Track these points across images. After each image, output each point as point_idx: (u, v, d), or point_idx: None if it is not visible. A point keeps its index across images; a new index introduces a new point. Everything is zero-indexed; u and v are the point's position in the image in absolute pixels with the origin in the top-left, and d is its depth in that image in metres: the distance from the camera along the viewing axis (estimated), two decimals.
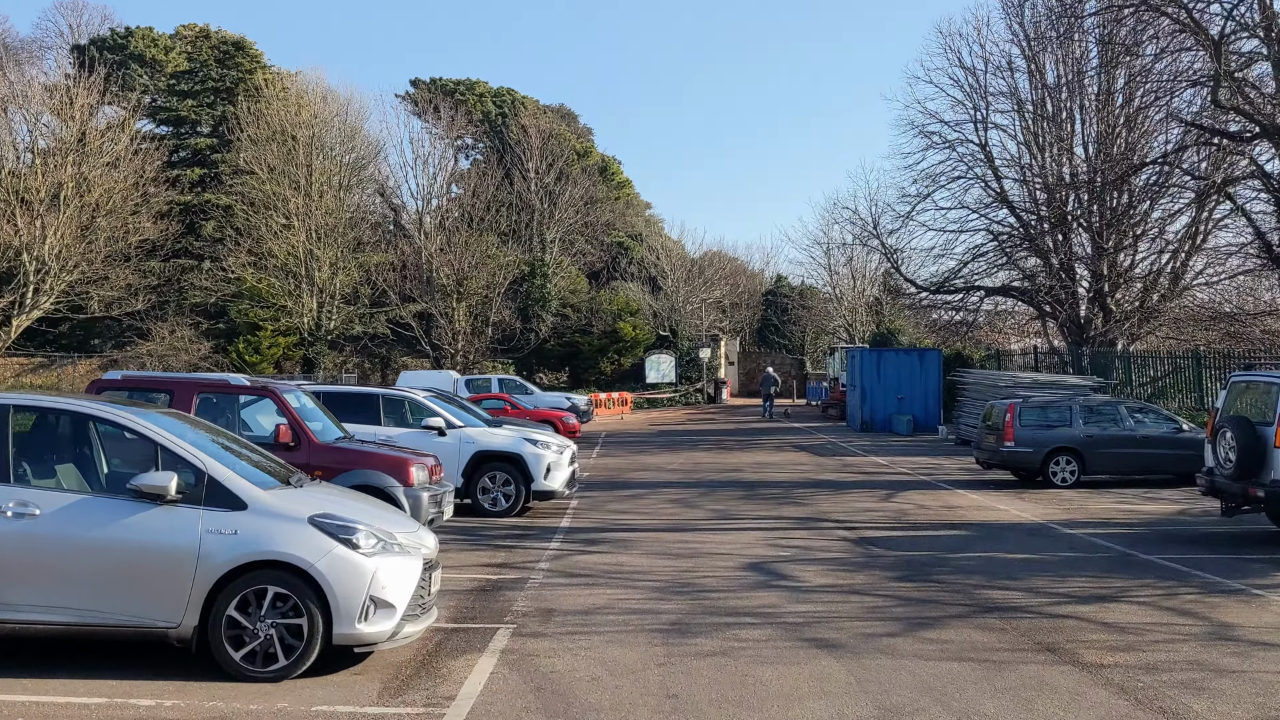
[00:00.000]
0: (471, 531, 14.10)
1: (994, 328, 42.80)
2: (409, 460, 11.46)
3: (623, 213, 66.44)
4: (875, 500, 17.99)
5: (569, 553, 12.51)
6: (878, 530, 14.51)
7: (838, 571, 11.30)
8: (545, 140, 55.07)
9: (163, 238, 46.23)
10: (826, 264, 55.09)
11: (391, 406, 16.28)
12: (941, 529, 14.71)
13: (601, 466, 23.91)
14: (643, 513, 16.48)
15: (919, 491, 19.13)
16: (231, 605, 6.59)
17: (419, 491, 11.32)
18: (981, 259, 32.85)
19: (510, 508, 15.57)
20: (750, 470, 22.98)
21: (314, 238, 46.39)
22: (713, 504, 17.44)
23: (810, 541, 13.47)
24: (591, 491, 18.98)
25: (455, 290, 49.19)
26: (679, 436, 33.41)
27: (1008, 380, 26.84)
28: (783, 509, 16.84)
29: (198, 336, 46.46)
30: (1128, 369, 28.55)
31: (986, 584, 10.52)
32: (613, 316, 52.24)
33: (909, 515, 16.09)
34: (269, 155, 46.49)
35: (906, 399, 33.69)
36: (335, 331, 48.79)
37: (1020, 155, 32.85)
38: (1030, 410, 20.05)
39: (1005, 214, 33.48)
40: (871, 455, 26.33)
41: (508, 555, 12.28)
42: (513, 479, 15.59)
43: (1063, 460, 19.55)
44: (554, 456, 15.93)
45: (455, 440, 15.67)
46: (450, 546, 12.76)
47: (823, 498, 18.27)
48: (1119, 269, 31.08)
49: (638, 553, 12.50)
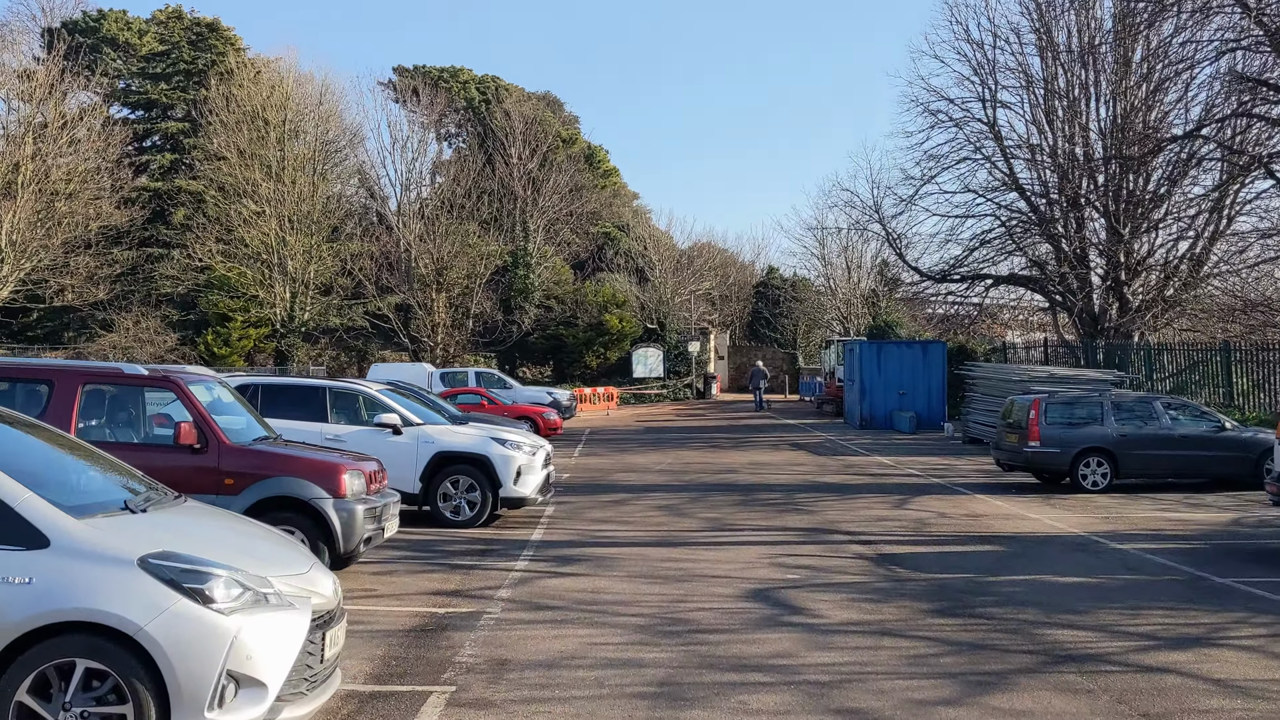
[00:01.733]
0: (426, 547, 12.09)
1: (997, 320, 40.98)
2: (341, 465, 9.43)
3: (609, 202, 64.36)
4: (888, 507, 16.05)
5: (538, 575, 10.52)
6: (897, 544, 12.55)
7: (861, 602, 9.33)
8: (529, 125, 52.97)
9: (129, 225, 44.03)
10: (820, 253, 53.17)
11: (340, 401, 14.24)
12: (971, 543, 12.77)
13: (583, 467, 21.92)
14: (627, 522, 14.49)
15: (935, 497, 17.20)
16: (23, 687, 4.56)
17: (352, 504, 9.29)
18: (988, 245, 30.89)
19: (475, 517, 13.56)
20: (746, 472, 21.01)
21: (286, 225, 44.21)
22: (706, 511, 15.46)
23: (822, 560, 11.51)
24: (570, 496, 16.98)
25: (435, 280, 47.13)
26: (667, 434, 31.43)
27: (1021, 374, 24.92)
28: (785, 518, 14.87)
29: (163, 328, 44.24)
30: (1148, 362, 26.66)
31: (1046, 620, 8.56)
32: (598, 308, 50.19)
33: (930, 526, 14.15)
34: (239, 139, 44.30)
35: (909, 394, 31.77)
36: (309, 323, 46.65)
37: (1029, 135, 30.94)
38: (1057, 407, 18.13)
39: (1014, 198, 31.57)
40: (875, 455, 24.40)
41: (464, 579, 10.28)
42: (478, 484, 13.58)
43: (1093, 462, 17.64)
44: (525, 458, 13.93)
45: (412, 440, 13.66)
46: (396, 567, 10.74)
47: (829, 504, 16.32)
48: (1136, 256, 29.19)
49: (619, 574, 10.52)
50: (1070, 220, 30.36)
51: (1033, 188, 30.99)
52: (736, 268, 64.17)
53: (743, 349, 59.74)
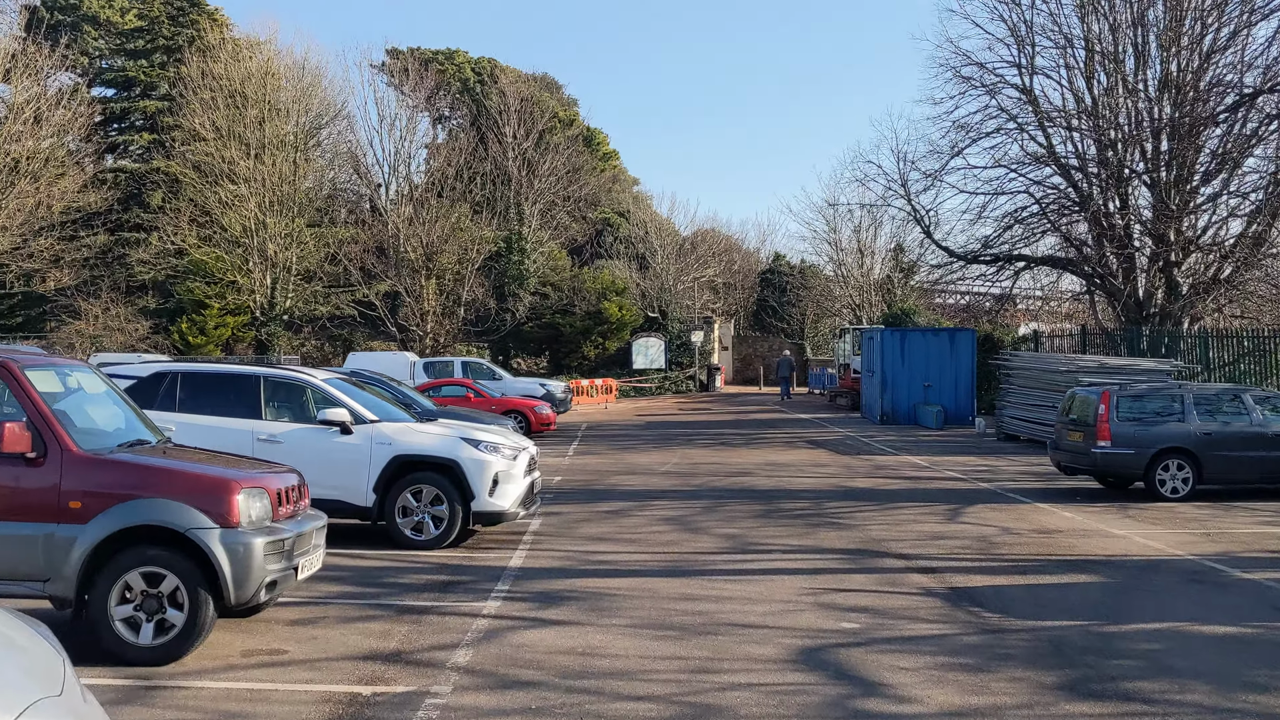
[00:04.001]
0: (373, 578, 9.51)
1: (1022, 308, 38.38)
2: (233, 482, 6.81)
3: (608, 188, 61.67)
4: (939, 519, 13.47)
5: (511, 624, 7.95)
6: (969, 573, 9.99)
7: (955, 671, 6.76)
8: (524, 104, 50.25)
9: (100, 206, 41.38)
10: (832, 238, 50.36)
11: (280, 393, 11.64)
12: (1058, 570, 10.20)
13: (578, 468, 19.33)
14: (629, 540, 11.91)
15: (990, 506, 14.62)
16: None
17: (248, 536, 6.69)
18: (1022, 224, 28.19)
19: (441, 536, 10.99)
20: (762, 474, 18.42)
21: (266, 206, 41.52)
22: (722, 525, 12.88)
23: (880, 597, 8.94)
24: (561, 505, 14.41)
25: (424, 266, 44.44)
26: (671, 429, 28.84)
27: (1068, 364, 22.32)
28: (819, 534, 12.30)
29: (134, 315, 41.56)
30: (1204, 350, 24.07)
31: (1229, 705, 5.99)
32: (597, 296, 47.50)
33: (998, 546, 11.58)
34: (217, 116, 41.60)
35: (935, 387, 29.15)
36: (292, 311, 43.98)
37: (1065, 103, 28.23)
38: (1130, 400, 15.55)
39: (1049, 173, 28.90)
40: (904, 454, 21.82)
41: (411, 632, 7.70)
42: (445, 495, 11.00)
43: (1173, 464, 15.08)
44: (504, 463, 11.33)
45: (364, 440, 11.06)
46: (326, 612, 8.15)
47: (867, 515, 13.75)
48: (1186, 234, 26.54)
49: (620, 622, 7.96)
50: (1112, 195, 27.70)
51: (1069, 161, 28.31)
52: (741, 254, 61.43)
53: (748, 339, 57.10)
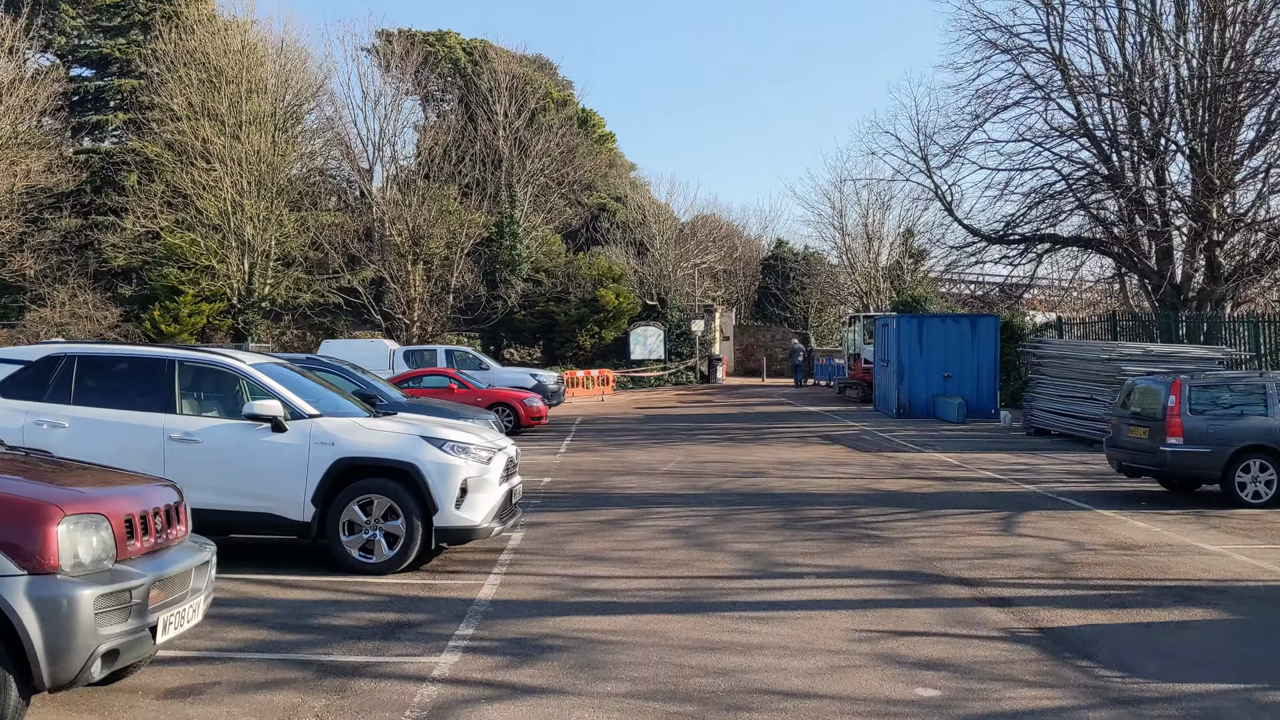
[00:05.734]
0: (300, 619, 7.42)
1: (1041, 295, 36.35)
2: (51, 506, 4.68)
3: (604, 173, 59.41)
4: (993, 530, 11.42)
5: (468, 698, 5.86)
6: (1052, 604, 7.94)
7: None
8: (516, 81, 47.98)
9: (66, 187, 39.21)
10: (838, 222, 48.14)
11: (200, 380, 9.54)
12: (1163, 601, 8.13)
13: (571, 468, 17.24)
14: (628, 560, 9.83)
15: (1045, 513, 12.56)
16: None
17: (72, 588, 4.58)
18: (1053, 199, 26.04)
19: (396, 559, 8.91)
20: (777, 474, 16.34)
21: (242, 187, 39.30)
22: (739, 539, 10.81)
23: (955, 645, 6.86)
24: (550, 512, 12.33)
25: (410, 250, 42.25)
26: (672, 423, 26.75)
27: (1109, 352, 20.24)
28: (857, 550, 10.24)
29: (104, 301, 39.36)
30: (1254, 336, 22.00)
31: None
32: (593, 283, 45.29)
33: (1075, 567, 9.53)
34: (191, 93, 39.37)
35: (955, 377, 27.06)
36: (272, 298, 41.79)
37: (1094, 69, 26.06)
38: (1203, 391, 13.50)
39: (1075, 147, 26.78)
40: (929, 450, 19.76)
41: (327, 710, 5.60)
42: (401, 507, 8.91)
43: (1254, 465, 13.04)
44: (475, 467, 9.23)
45: (301, 439, 8.96)
46: (223, 671, 5.98)
47: (907, 525, 11.68)
48: (1229, 211, 24.45)
49: (617, 690, 5.89)
50: (1147, 170, 25.58)
51: (1099, 132, 26.18)
52: (742, 241, 59.24)
53: (749, 329, 54.97)
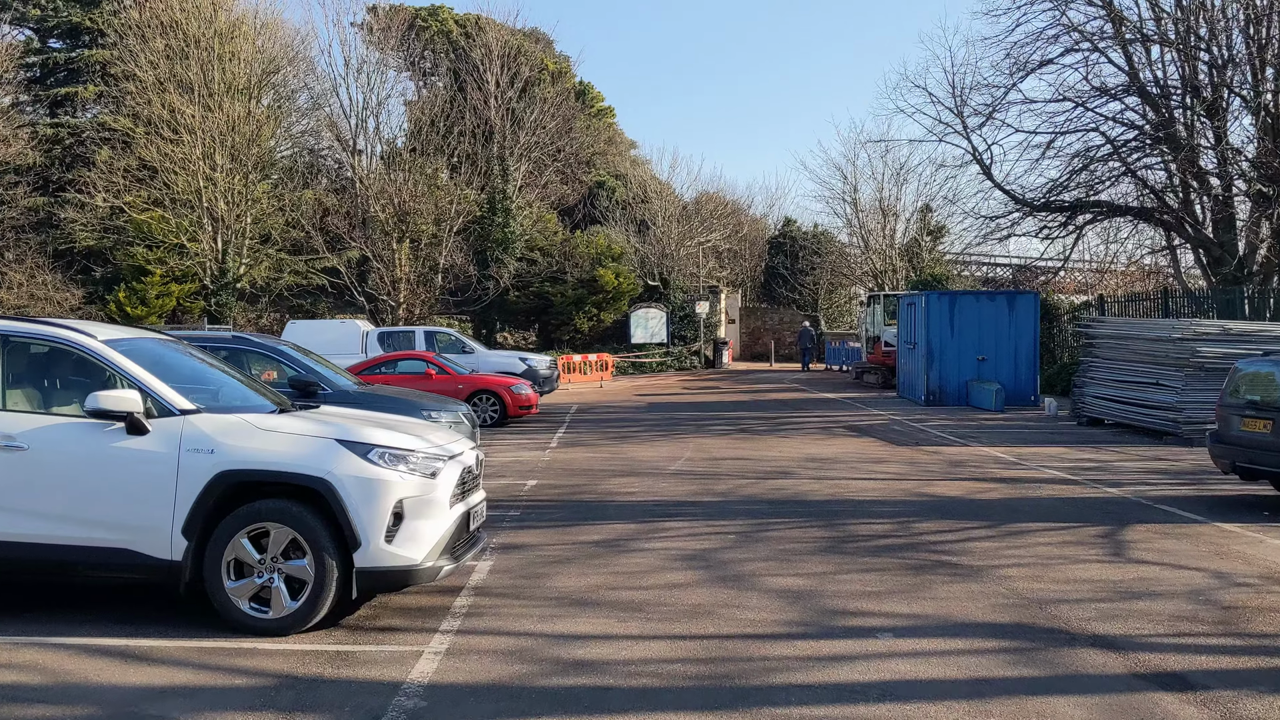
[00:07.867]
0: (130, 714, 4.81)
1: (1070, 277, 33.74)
2: None
3: (603, 150, 56.69)
4: (1100, 556, 8.81)
5: None
6: (1245, 682, 5.32)
7: None
8: (508, 49, 45.15)
9: (20, 161, 36.57)
10: (851, 197, 45.36)
11: (33, 363, 6.92)
12: None
13: (561, 467, 14.62)
14: (628, 607, 7.19)
15: (1154, 528, 9.96)
16: None
17: None
18: (1100, 162, 23.41)
19: (301, 612, 6.30)
20: (806, 475, 13.71)
21: (214, 160, 36.60)
22: (777, 571, 8.18)
23: None
24: (530, 529, 9.71)
25: (396, 228, 39.57)
26: (678, 412, 24.13)
27: (1182, 330, 17.61)
28: (936, 589, 7.62)
29: (64, 282, 36.72)
30: None
31: None
32: (591, 262, 42.62)
33: (1240, 612, 6.94)
34: (160, 59, 36.65)
35: (990, 361, 24.45)
36: (246, 278, 39.15)
37: (1142, 17, 23.37)
38: None
39: (1121, 107, 24.16)
40: (974, 444, 17.14)
41: None
42: (309, 540, 6.28)
43: None
44: (414, 483, 6.59)
45: (167, 445, 6.33)
46: None
47: (987, 547, 9.06)
48: None
49: None
50: (1205, 130, 22.93)
51: (1149, 89, 23.51)
52: (748, 221, 56.53)
53: (756, 311, 52.33)
